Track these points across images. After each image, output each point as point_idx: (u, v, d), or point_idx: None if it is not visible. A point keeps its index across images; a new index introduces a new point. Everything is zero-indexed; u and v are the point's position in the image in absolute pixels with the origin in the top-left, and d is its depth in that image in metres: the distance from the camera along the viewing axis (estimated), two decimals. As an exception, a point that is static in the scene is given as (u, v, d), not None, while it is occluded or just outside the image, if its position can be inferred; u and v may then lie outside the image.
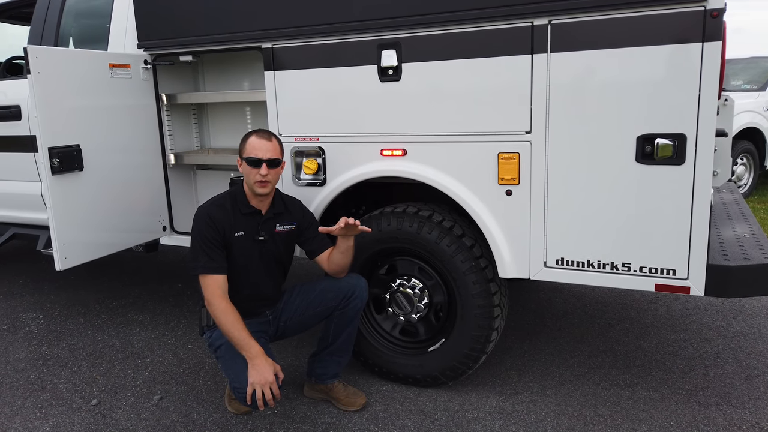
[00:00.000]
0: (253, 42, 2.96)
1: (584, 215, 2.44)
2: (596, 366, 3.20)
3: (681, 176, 2.24)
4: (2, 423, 2.86)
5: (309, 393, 2.97)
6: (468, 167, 2.63)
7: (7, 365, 3.47)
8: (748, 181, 7.52)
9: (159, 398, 3.03)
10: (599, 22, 2.25)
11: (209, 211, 2.62)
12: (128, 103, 3.30)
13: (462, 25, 2.49)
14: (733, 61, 8.27)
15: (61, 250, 2.96)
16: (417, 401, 2.91)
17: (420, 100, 2.65)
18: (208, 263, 2.54)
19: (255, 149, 2.60)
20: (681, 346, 3.39)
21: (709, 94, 2.14)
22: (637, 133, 2.28)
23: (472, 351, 2.80)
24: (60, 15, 3.72)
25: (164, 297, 4.51)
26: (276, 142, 2.66)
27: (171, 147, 3.58)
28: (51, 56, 2.89)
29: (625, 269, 2.43)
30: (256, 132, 2.67)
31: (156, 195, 3.53)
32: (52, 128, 2.88)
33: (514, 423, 2.70)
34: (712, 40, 2.10)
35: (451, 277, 2.76)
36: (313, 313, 2.80)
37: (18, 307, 4.43)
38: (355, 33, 2.70)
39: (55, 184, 2.91)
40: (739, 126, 7.10)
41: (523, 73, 2.42)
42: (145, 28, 3.26)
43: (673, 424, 2.65)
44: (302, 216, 2.82)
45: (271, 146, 2.62)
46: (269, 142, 2.63)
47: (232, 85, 3.63)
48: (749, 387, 2.93)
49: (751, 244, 2.58)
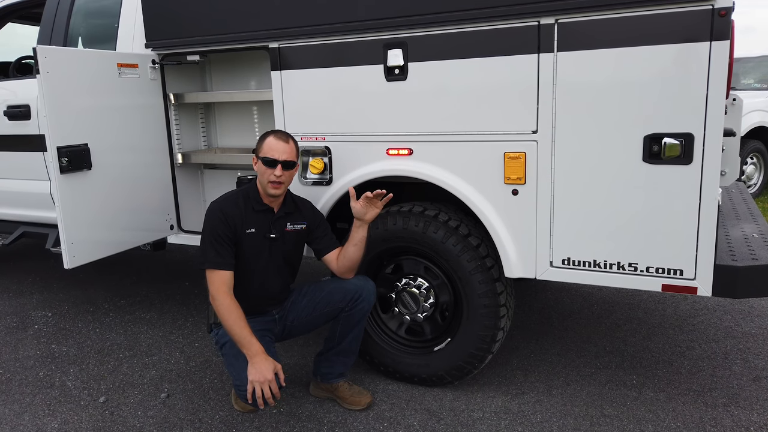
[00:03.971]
0: (260, 42, 2.97)
1: (591, 215, 2.43)
2: (603, 366, 3.19)
3: (688, 176, 2.22)
4: (11, 420, 2.89)
5: (315, 392, 2.98)
6: (474, 167, 2.62)
7: (16, 362, 3.50)
8: (758, 181, 7.45)
9: (166, 396, 3.04)
10: (606, 22, 2.24)
11: (222, 206, 2.64)
12: (136, 102, 3.32)
13: (468, 25, 2.49)
14: (744, 59, 8.20)
15: (69, 249, 2.98)
16: (422, 400, 2.91)
17: (426, 100, 2.65)
18: (216, 258, 2.55)
19: (272, 150, 2.61)
20: (689, 347, 3.37)
21: (716, 94, 2.13)
22: (645, 132, 2.26)
23: (477, 351, 2.80)
24: (69, 15, 3.74)
25: (172, 295, 4.54)
26: (293, 144, 2.68)
27: (178, 146, 3.60)
28: (59, 56, 2.91)
29: (631, 269, 2.41)
30: (275, 133, 2.68)
31: (163, 194, 3.55)
32: (60, 128, 2.90)
33: (519, 423, 2.70)
34: (720, 39, 2.08)
35: (456, 276, 2.76)
36: (320, 313, 2.80)
37: (27, 304, 4.46)
38: (361, 32, 2.70)
39: (64, 183, 2.93)
40: (749, 125, 7.04)
41: (529, 73, 2.41)
42: (152, 28, 3.28)
43: (680, 425, 2.63)
44: (313, 216, 2.83)
45: (288, 148, 2.63)
46: (286, 144, 2.64)
47: (239, 85, 3.64)
48: (757, 388, 2.91)
49: (759, 244, 2.56)
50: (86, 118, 3.04)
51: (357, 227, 2.73)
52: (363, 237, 2.72)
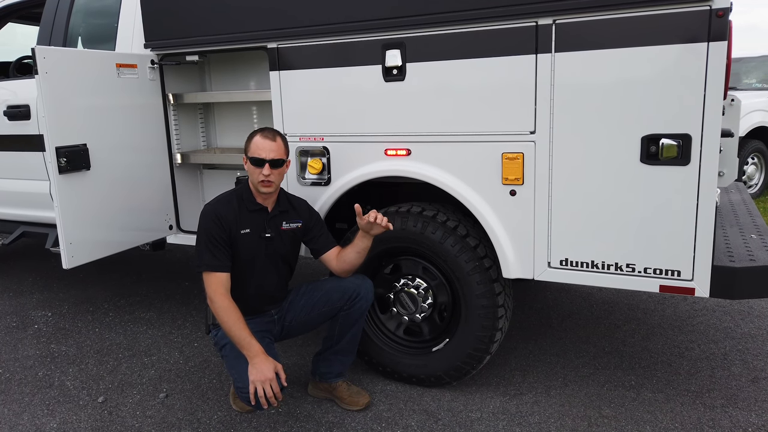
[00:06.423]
0: (259, 42, 2.97)
1: (588, 215, 2.43)
2: (601, 367, 3.19)
3: (686, 177, 2.22)
4: (10, 419, 2.89)
5: (313, 392, 2.98)
6: (472, 167, 2.62)
7: (15, 362, 3.50)
8: (759, 181, 7.44)
9: (165, 396, 3.05)
10: (603, 22, 2.24)
11: (216, 208, 2.63)
12: (135, 102, 3.33)
13: (466, 25, 2.49)
14: (746, 59, 8.18)
15: (68, 249, 2.98)
16: (421, 401, 2.91)
17: (424, 100, 2.65)
18: (212, 260, 2.55)
19: (259, 149, 2.60)
20: (687, 348, 3.37)
21: (714, 94, 2.13)
22: (642, 133, 2.26)
23: (476, 351, 2.80)
24: (69, 15, 3.75)
25: (171, 295, 4.54)
26: (280, 142, 2.66)
27: (177, 146, 3.60)
28: (58, 56, 2.91)
29: (629, 270, 2.41)
30: (261, 131, 2.67)
31: (162, 194, 3.55)
32: (59, 128, 2.91)
33: (517, 424, 2.70)
34: (717, 39, 2.08)
35: (455, 277, 2.76)
36: (318, 313, 2.80)
37: (27, 304, 4.47)
38: (359, 33, 2.71)
39: (63, 184, 2.93)
40: (749, 125, 7.02)
41: (527, 73, 2.41)
42: (151, 28, 3.28)
43: (678, 426, 2.63)
44: (308, 215, 2.83)
45: (275, 146, 2.62)
46: (273, 142, 2.62)
47: (238, 85, 3.64)
48: (756, 389, 2.91)
49: (757, 245, 2.55)
50: (85, 119, 3.05)
51: (362, 237, 2.71)
52: (366, 247, 2.72)
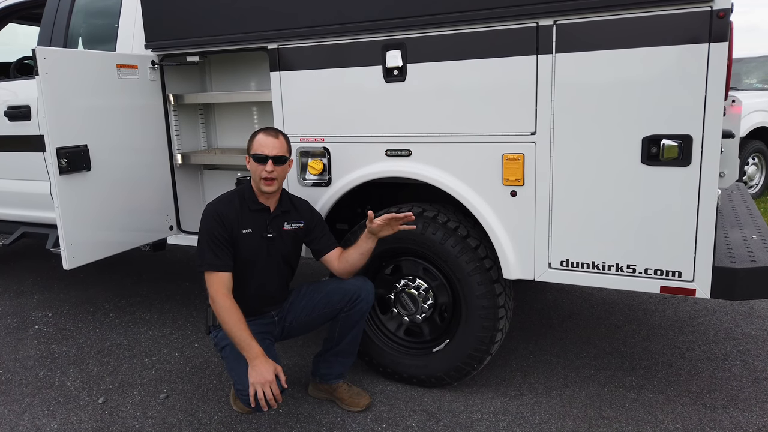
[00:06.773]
0: (259, 42, 2.97)
1: (589, 216, 2.43)
2: (602, 368, 3.19)
3: (687, 178, 2.22)
4: (11, 420, 2.89)
5: (313, 392, 2.98)
6: (472, 168, 2.62)
7: (16, 363, 3.50)
8: (760, 181, 7.43)
9: (165, 397, 3.05)
10: (604, 23, 2.24)
11: (218, 208, 2.64)
12: (136, 103, 3.33)
13: (467, 26, 2.48)
14: (746, 59, 8.17)
15: (68, 250, 2.98)
16: (421, 402, 2.91)
17: (425, 101, 2.65)
18: (214, 260, 2.55)
19: (261, 146, 2.62)
20: (688, 348, 3.37)
21: (715, 95, 2.12)
22: (643, 134, 2.26)
23: (476, 352, 2.80)
24: (69, 16, 3.75)
25: (171, 296, 4.54)
26: (283, 140, 2.68)
27: (178, 147, 3.61)
28: (59, 57, 2.91)
29: (630, 271, 2.41)
30: (264, 130, 2.69)
31: (163, 195, 3.55)
32: (60, 129, 2.91)
33: (518, 424, 2.70)
34: (718, 40, 2.08)
35: (455, 277, 2.76)
36: (318, 314, 2.80)
37: (28, 305, 4.47)
38: (360, 34, 2.70)
39: (63, 184, 2.93)
40: (750, 125, 7.02)
41: (528, 74, 2.41)
42: (152, 28, 3.28)
43: (679, 427, 2.63)
44: (310, 215, 2.83)
45: (277, 143, 2.63)
46: (276, 139, 2.64)
47: (238, 86, 3.64)
48: (756, 390, 2.91)
49: (758, 246, 2.55)
50: (85, 119, 3.05)
51: (366, 239, 2.70)
52: (371, 248, 2.71)
